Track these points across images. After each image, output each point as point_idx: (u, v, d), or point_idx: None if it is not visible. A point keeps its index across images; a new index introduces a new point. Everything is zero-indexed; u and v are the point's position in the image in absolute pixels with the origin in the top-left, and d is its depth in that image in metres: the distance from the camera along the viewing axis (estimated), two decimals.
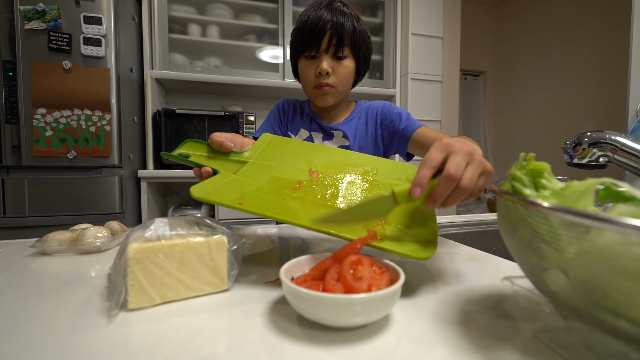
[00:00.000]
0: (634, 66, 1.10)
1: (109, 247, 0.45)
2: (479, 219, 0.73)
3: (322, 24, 0.64)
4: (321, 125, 0.77)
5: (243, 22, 1.87)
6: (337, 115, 0.79)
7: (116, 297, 0.26)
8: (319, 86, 0.69)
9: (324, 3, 0.67)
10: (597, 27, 2.47)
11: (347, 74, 0.70)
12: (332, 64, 0.67)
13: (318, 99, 0.71)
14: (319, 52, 0.67)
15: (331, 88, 0.69)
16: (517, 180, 0.24)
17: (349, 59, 0.69)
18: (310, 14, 0.66)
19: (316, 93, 0.70)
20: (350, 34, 0.67)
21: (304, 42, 0.67)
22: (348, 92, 0.75)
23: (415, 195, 0.30)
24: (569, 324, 0.25)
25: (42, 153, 1.27)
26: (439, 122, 2.08)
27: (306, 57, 0.69)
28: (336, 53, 0.67)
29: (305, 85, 0.72)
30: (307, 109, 0.80)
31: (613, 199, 0.23)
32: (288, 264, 0.28)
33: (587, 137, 0.47)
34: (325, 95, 0.70)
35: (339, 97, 0.72)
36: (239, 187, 0.41)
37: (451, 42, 2.10)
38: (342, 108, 0.79)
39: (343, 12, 0.66)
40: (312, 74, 0.68)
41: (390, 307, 0.24)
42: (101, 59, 1.31)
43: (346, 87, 0.72)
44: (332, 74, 0.68)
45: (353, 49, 0.69)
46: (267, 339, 0.23)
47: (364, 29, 0.70)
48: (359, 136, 0.76)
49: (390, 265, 0.28)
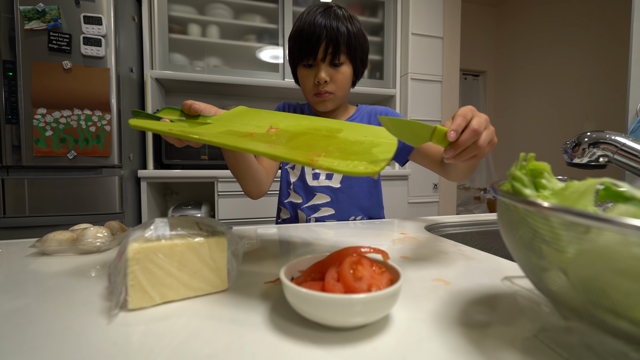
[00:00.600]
0: (634, 66, 1.10)
1: (109, 247, 0.45)
2: (479, 219, 0.73)
3: (318, 32, 0.65)
4: None
5: (243, 22, 1.87)
6: (336, 117, 0.80)
7: (116, 297, 0.26)
8: (318, 94, 0.71)
9: (319, 9, 0.67)
10: (597, 27, 2.47)
11: (345, 80, 0.72)
12: (330, 71, 0.69)
13: (318, 105, 0.74)
14: (316, 61, 0.69)
15: (330, 95, 0.71)
16: (517, 180, 0.24)
17: (345, 65, 0.70)
18: (306, 21, 0.67)
19: (316, 100, 0.73)
20: (346, 38, 0.67)
21: (301, 51, 0.68)
22: (347, 95, 0.77)
23: (450, 138, 0.35)
24: (569, 324, 0.25)
25: (42, 153, 1.27)
26: (439, 122, 2.08)
27: (304, 65, 0.70)
28: (333, 61, 0.68)
29: (306, 92, 0.74)
30: (307, 112, 0.82)
31: (613, 199, 0.23)
32: (288, 264, 0.28)
33: (587, 137, 0.47)
34: (325, 101, 0.72)
35: (338, 102, 0.75)
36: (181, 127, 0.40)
37: (451, 42, 2.10)
38: (341, 111, 0.81)
39: (337, 16, 0.67)
40: (311, 82, 0.70)
41: (390, 307, 0.24)
42: (101, 59, 1.31)
43: (345, 91, 0.74)
44: (331, 82, 0.70)
45: (349, 54, 0.70)
46: (267, 339, 0.23)
47: (359, 30, 0.70)
48: None
49: (391, 266, 0.28)
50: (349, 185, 0.78)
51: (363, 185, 0.79)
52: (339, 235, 0.55)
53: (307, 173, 0.78)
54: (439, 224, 0.69)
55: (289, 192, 0.80)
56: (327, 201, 0.77)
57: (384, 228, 0.61)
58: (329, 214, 0.77)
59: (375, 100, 2.29)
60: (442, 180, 2.12)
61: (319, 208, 0.77)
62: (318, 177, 0.78)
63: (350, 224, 0.66)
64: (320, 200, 0.77)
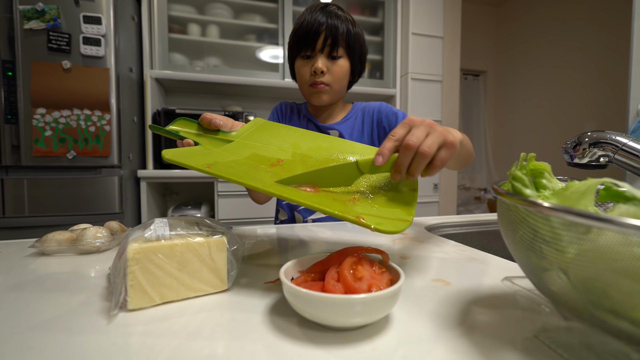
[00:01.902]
0: (635, 66, 1.10)
1: (109, 247, 0.45)
2: (479, 219, 0.73)
3: (317, 26, 0.67)
4: (317, 125, 0.78)
5: (243, 22, 1.87)
6: (333, 115, 0.80)
7: (116, 297, 0.26)
8: (314, 84, 0.71)
9: (319, 6, 0.69)
10: (597, 27, 2.47)
11: (342, 73, 0.71)
12: (327, 63, 0.69)
13: (313, 97, 0.73)
14: (314, 52, 0.69)
15: (326, 86, 0.71)
16: (517, 180, 0.24)
17: (343, 59, 0.71)
18: (306, 17, 0.68)
19: (311, 91, 0.72)
20: (345, 36, 0.69)
21: (300, 42, 0.69)
22: (344, 92, 0.76)
23: (377, 162, 0.33)
24: (570, 324, 0.25)
25: (42, 153, 1.27)
26: (439, 122, 2.08)
27: (302, 57, 0.71)
28: (331, 53, 0.69)
29: (301, 83, 0.73)
30: (304, 110, 0.82)
31: (613, 199, 0.23)
32: (288, 264, 0.28)
33: (588, 137, 0.47)
34: (320, 93, 0.71)
35: (334, 96, 0.74)
36: (214, 157, 0.40)
37: (451, 42, 2.10)
38: (338, 108, 0.80)
39: (338, 15, 0.68)
40: (308, 72, 0.70)
41: (390, 307, 0.24)
42: (101, 59, 1.31)
43: (341, 86, 0.73)
44: (327, 73, 0.70)
45: (348, 50, 0.71)
46: (267, 339, 0.23)
47: (359, 32, 0.72)
48: (356, 136, 0.77)
49: (391, 266, 0.28)
50: None
51: None
52: (338, 236, 0.55)
53: None
54: (439, 224, 0.69)
55: None
56: None
57: None
58: (325, 215, 0.77)
59: (376, 100, 2.28)
60: (442, 180, 2.12)
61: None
62: None
63: (349, 224, 0.66)
64: None
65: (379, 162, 0.33)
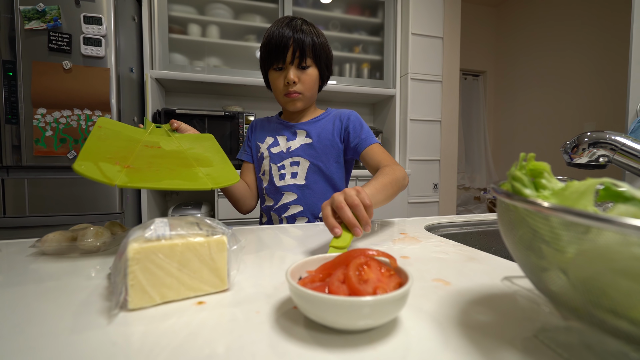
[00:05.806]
0: (634, 66, 1.10)
1: (109, 247, 0.45)
2: (479, 219, 0.73)
3: (286, 40, 0.73)
4: (286, 125, 0.85)
5: (243, 22, 1.87)
6: (303, 117, 0.86)
7: (116, 297, 0.26)
8: (288, 94, 0.77)
9: (285, 21, 0.75)
10: (597, 27, 2.47)
11: (312, 81, 0.78)
12: (298, 73, 0.76)
13: (288, 105, 0.80)
14: (285, 64, 0.75)
15: (299, 94, 0.78)
16: (517, 180, 0.24)
17: (312, 68, 0.78)
18: (274, 32, 0.74)
19: (286, 100, 0.79)
20: (312, 47, 0.75)
21: (271, 56, 0.75)
22: (315, 97, 0.84)
23: (335, 235, 0.43)
24: (569, 324, 0.25)
25: (42, 153, 1.27)
26: (439, 122, 2.08)
27: (274, 69, 0.77)
28: (300, 64, 0.75)
29: (277, 93, 0.80)
30: (274, 119, 0.89)
31: (613, 199, 0.23)
32: (297, 263, 0.28)
33: (587, 137, 0.47)
34: (295, 100, 0.78)
35: (307, 102, 0.81)
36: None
37: (451, 42, 2.10)
38: (309, 112, 0.87)
39: (302, 29, 0.74)
40: (281, 83, 0.77)
41: (397, 310, 0.24)
42: (101, 59, 1.31)
43: (312, 92, 0.80)
44: (299, 82, 0.76)
45: (315, 60, 0.77)
46: (267, 339, 0.23)
47: (323, 42, 0.78)
48: (323, 136, 0.82)
49: (400, 269, 0.28)
50: (314, 181, 0.81)
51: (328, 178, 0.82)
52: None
53: (274, 175, 0.82)
54: (439, 224, 0.69)
55: (264, 197, 0.86)
56: (294, 199, 0.80)
57: (384, 228, 0.61)
58: (297, 211, 0.80)
59: (376, 100, 2.29)
60: (442, 181, 2.12)
61: (288, 207, 0.81)
62: (284, 177, 0.81)
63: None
64: (289, 199, 0.81)
65: (337, 233, 0.43)
